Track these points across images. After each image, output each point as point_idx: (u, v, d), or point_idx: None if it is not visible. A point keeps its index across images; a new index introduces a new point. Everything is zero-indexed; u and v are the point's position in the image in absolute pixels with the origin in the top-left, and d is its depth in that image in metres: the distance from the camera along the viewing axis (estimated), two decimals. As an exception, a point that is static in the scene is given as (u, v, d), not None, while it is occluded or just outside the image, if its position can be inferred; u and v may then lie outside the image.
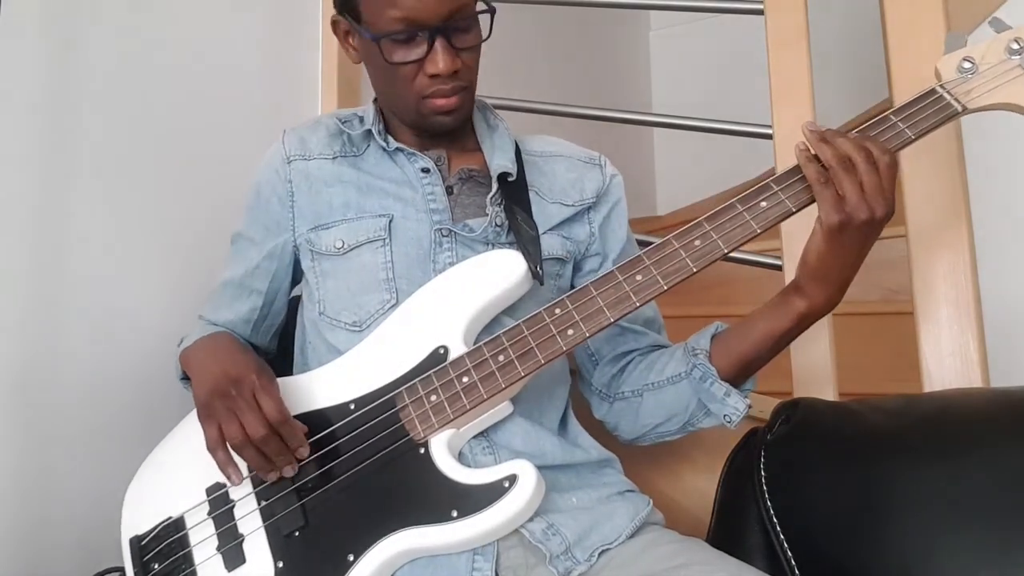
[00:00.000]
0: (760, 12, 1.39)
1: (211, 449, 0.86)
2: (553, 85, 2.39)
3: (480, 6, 0.96)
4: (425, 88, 0.94)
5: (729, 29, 2.18)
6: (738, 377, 0.97)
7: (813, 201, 0.87)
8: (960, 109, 0.88)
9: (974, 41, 0.92)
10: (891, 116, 0.89)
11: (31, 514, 1.12)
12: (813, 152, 0.85)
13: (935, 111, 0.88)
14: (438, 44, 0.92)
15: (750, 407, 0.96)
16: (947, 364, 1.12)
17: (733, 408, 0.95)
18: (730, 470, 1.02)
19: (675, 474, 1.25)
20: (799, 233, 1.26)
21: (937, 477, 0.85)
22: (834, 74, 2.11)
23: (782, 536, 0.91)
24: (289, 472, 0.86)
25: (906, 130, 0.88)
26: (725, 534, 0.98)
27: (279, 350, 1.12)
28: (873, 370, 1.57)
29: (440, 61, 0.92)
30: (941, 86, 0.90)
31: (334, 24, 1.01)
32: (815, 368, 1.22)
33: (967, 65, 0.90)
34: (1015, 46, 0.89)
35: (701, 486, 1.06)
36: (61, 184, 1.19)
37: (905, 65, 1.19)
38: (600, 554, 0.87)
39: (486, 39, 0.97)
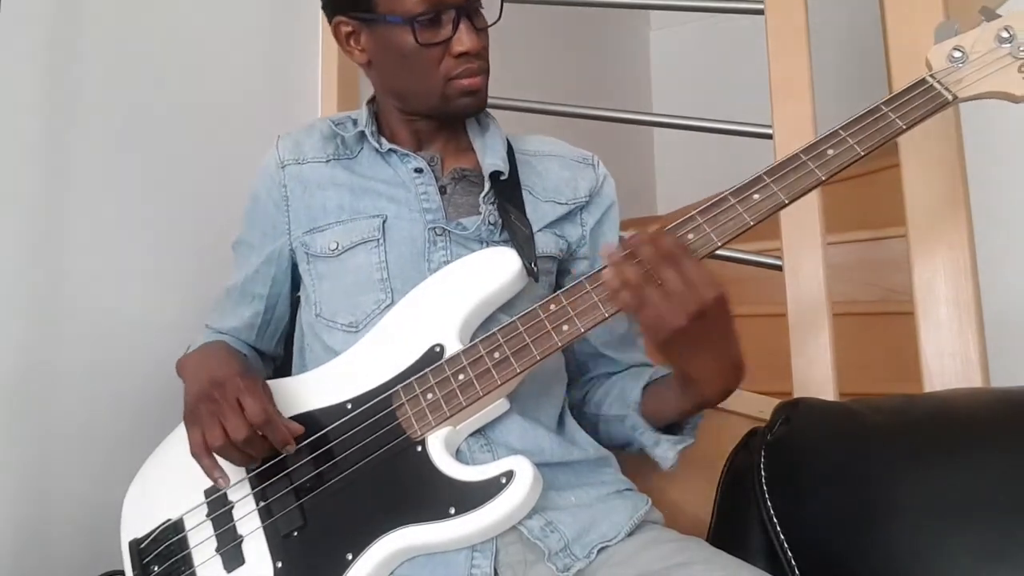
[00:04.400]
0: (760, 12, 1.39)
1: (195, 455, 0.85)
2: (553, 85, 2.39)
3: None
4: (452, 69, 0.95)
5: (729, 29, 2.18)
6: (673, 424, 0.98)
7: (806, 192, 0.86)
8: (950, 98, 0.88)
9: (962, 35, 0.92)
10: (882, 107, 0.88)
11: (31, 518, 1.12)
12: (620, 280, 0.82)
13: (925, 101, 0.88)
14: (463, 24, 0.93)
15: (685, 446, 0.97)
16: (947, 364, 1.12)
17: (663, 456, 0.96)
18: (730, 470, 1.02)
19: (675, 473, 1.25)
20: (799, 233, 1.27)
21: (937, 477, 0.85)
22: (834, 74, 2.11)
23: (782, 536, 0.90)
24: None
25: (897, 120, 0.87)
26: (725, 534, 0.98)
27: (284, 353, 1.12)
28: (873, 370, 1.57)
29: (467, 40, 0.93)
30: (931, 75, 0.89)
31: (335, 28, 1.01)
32: (815, 368, 1.22)
33: (957, 54, 0.89)
34: (1005, 34, 0.88)
35: (701, 486, 1.06)
36: (60, 186, 1.19)
37: (905, 64, 1.19)
38: (599, 551, 0.87)
39: (494, 23, 0.99)
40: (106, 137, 1.26)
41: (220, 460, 0.86)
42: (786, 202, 0.86)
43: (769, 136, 1.34)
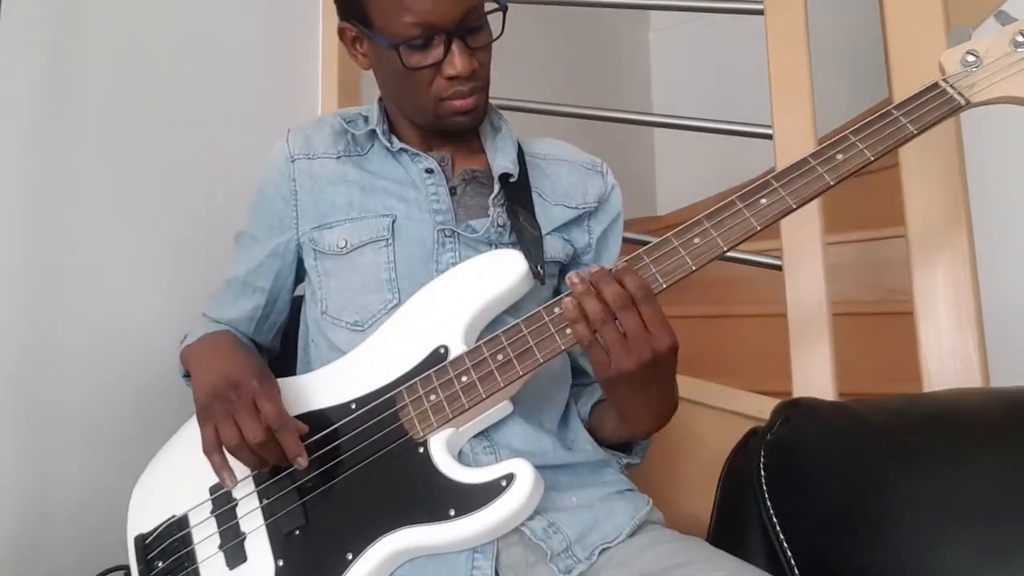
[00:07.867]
0: (760, 12, 1.39)
1: (206, 451, 0.85)
2: (553, 85, 2.39)
3: (491, 5, 0.96)
4: (443, 91, 0.95)
5: (729, 29, 2.18)
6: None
7: (814, 197, 0.86)
8: (963, 103, 0.87)
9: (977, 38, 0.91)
10: (893, 111, 0.87)
11: (33, 514, 1.12)
12: (580, 308, 0.82)
13: (937, 105, 0.87)
14: (455, 46, 0.92)
15: (629, 463, 1.03)
16: (947, 364, 1.12)
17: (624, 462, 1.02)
18: (730, 470, 1.02)
19: (675, 473, 1.26)
20: (799, 233, 1.27)
21: (936, 477, 0.85)
22: (834, 74, 2.11)
23: (782, 536, 0.91)
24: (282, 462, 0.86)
25: (908, 124, 0.86)
26: (725, 534, 0.98)
27: (281, 348, 1.13)
28: (873, 370, 1.57)
29: (458, 63, 0.92)
30: (944, 80, 0.88)
31: (341, 31, 1.01)
32: (815, 368, 1.22)
33: (971, 59, 0.88)
34: (1020, 38, 0.87)
35: (701, 486, 1.06)
36: (61, 185, 1.20)
37: (905, 65, 1.19)
38: (600, 552, 0.87)
39: (497, 37, 0.97)
40: (106, 136, 1.26)
41: (229, 459, 0.86)
42: (794, 207, 0.86)
43: (769, 136, 1.35)
